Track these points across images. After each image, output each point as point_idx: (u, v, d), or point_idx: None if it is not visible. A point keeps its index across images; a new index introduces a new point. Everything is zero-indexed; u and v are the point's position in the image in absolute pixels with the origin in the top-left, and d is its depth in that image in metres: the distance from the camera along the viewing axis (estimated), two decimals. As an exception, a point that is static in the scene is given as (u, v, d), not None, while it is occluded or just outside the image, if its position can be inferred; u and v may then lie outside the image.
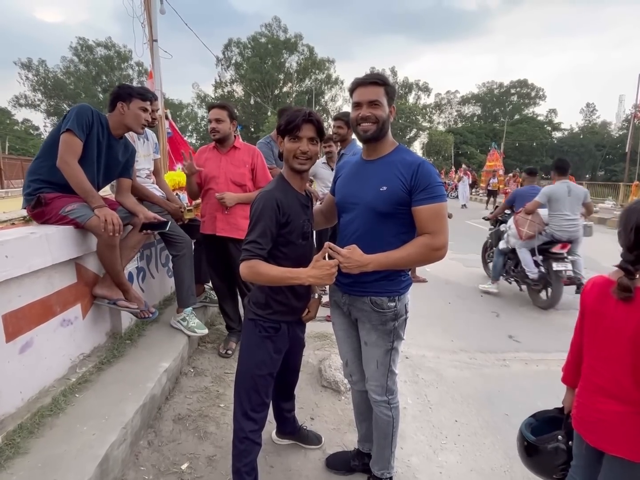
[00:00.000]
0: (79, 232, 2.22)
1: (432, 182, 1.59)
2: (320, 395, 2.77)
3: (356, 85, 1.68)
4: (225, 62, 48.35)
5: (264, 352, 1.73)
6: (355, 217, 1.71)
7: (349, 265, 1.56)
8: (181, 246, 2.81)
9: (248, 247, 1.56)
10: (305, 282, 1.52)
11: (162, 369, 2.42)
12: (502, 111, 56.67)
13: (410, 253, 1.60)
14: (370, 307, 1.73)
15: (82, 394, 2.11)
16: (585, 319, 1.42)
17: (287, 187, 1.68)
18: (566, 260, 4.62)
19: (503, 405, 2.81)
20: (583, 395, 1.40)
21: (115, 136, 2.38)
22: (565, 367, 1.58)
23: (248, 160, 2.96)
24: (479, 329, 4.20)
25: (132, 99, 2.32)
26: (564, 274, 4.56)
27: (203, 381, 2.75)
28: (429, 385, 3.07)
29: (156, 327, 2.95)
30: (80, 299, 2.33)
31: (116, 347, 2.54)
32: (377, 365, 1.81)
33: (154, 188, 3.01)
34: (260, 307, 1.73)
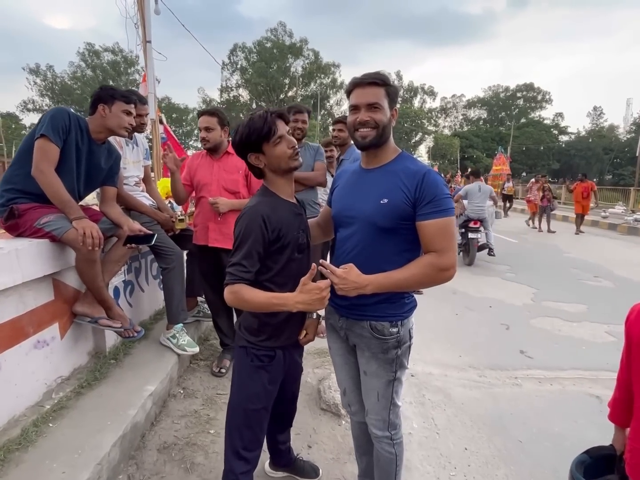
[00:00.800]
0: (56, 246, 2.06)
1: (438, 193, 1.40)
2: (318, 420, 2.57)
3: (353, 85, 1.49)
4: (231, 66, 48.53)
5: (257, 384, 1.55)
6: (353, 233, 1.52)
7: (345, 287, 1.39)
8: (171, 259, 2.63)
9: (232, 270, 1.39)
10: (293, 309, 1.34)
11: (147, 393, 2.24)
12: (508, 115, 56.32)
13: (414, 274, 1.42)
14: (370, 333, 1.54)
15: (56, 422, 1.93)
16: (632, 352, 1.22)
17: (275, 198, 1.51)
18: (478, 232, 7.24)
19: (516, 430, 2.60)
20: (638, 439, 1.21)
21: (97, 141, 2.22)
22: (612, 404, 1.40)
23: (241, 166, 2.79)
24: (488, 343, 3.99)
25: (114, 101, 2.16)
26: (475, 241, 7.27)
27: (193, 404, 2.56)
28: (436, 407, 2.86)
29: (144, 344, 2.77)
30: (57, 317, 2.16)
31: (99, 368, 2.37)
32: (377, 397, 1.62)
33: (143, 196, 2.84)
34: (252, 332, 1.55)
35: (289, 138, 1.46)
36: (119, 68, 46.26)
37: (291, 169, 1.49)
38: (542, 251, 8.87)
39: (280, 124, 1.44)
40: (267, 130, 1.41)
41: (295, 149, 1.46)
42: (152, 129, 4.29)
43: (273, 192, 1.52)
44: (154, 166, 4.31)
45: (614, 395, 1.39)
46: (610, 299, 5.47)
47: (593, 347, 3.93)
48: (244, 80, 47.83)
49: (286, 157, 1.45)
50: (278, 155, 1.45)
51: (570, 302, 5.27)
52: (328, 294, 1.36)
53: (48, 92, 44.99)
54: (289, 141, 1.45)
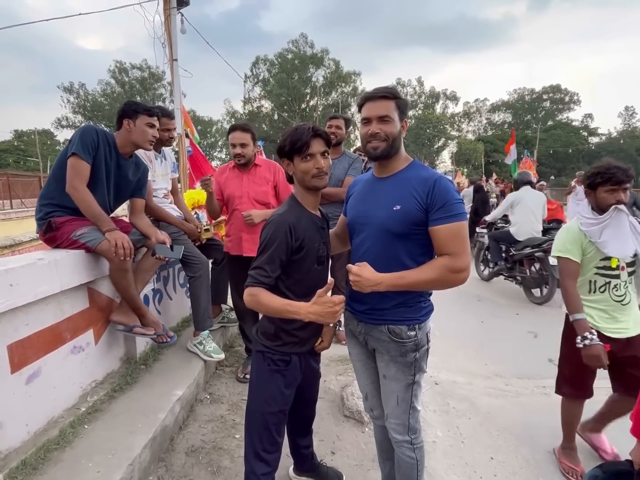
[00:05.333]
0: (91, 256, 2.17)
1: (450, 199, 1.43)
2: (341, 427, 2.59)
3: (365, 100, 1.55)
4: (253, 78, 49.50)
5: (274, 388, 1.60)
6: (366, 239, 1.57)
7: (359, 283, 1.44)
8: (197, 267, 2.73)
9: (253, 273, 1.46)
10: (305, 319, 1.38)
11: (176, 398, 2.32)
12: (535, 118, 55.06)
13: (428, 274, 1.45)
14: (388, 337, 1.57)
15: (91, 424, 2.03)
16: None
17: (301, 209, 1.57)
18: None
19: (544, 440, 2.54)
20: None
21: (124, 155, 2.33)
22: (634, 417, 1.36)
23: (270, 177, 2.87)
24: (515, 352, 3.90)
25: (138, 115, 2.27)
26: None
27: (219, 409, 2.63)
28: (461, 415, 2.83)
29: (172, 351, 2.86)
30: (92, 324, 2.27)
31: (130, 372, 2.47)
32: (397, 401, 1.64)
33: (171, 208, 2.96)
34: (269, 338, 1.61)
35: (319, 159, 1.49)
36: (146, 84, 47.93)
37: (314, 187, 1.53)
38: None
39: (315, 143, 1.49)
40: (300, 144, 1.48)
41: (320, 171, 1.50)
42: (179, 142, 4.46)
43: (299, 202, 1.58)
44: (181, 178, 4.47)
45: (637, 408, 1.36)
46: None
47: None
48: (265, 91, 48.66)
49: (310, 175, 1.50)
50: (303, 170, 1.51)
51: (601, 309, 5.08)
52: (341, 309, 1.40)
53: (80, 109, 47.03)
54: (318, 162, 1.49)
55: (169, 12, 4.14)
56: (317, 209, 1.65)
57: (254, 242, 2.77)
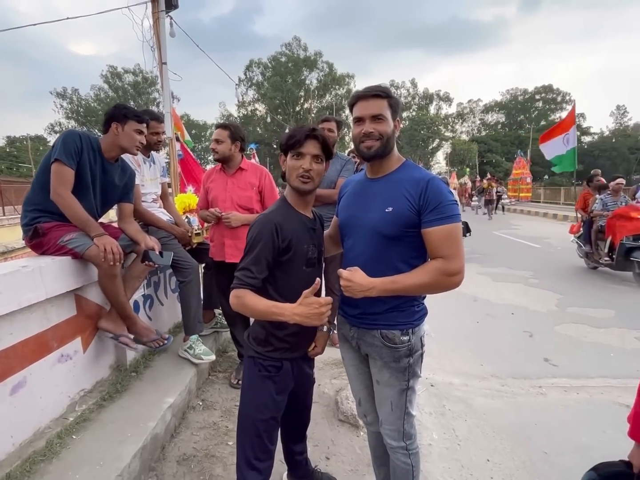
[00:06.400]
0: (79, 263, 2.13)
1: (442, 200, 1.40)
2: (336, 431, 2.55)
3: (357, 99, 1.52)
4: (247, 82, 49.46)
5: (265, 394, 1.56)
6: (358, 241, 1.54)
7: (351, 288, 1.41)
8: (187, 272, 2.69)
9: (239, 274, 1.43)
10: (290, 321, 1.35)
11: (167, 405, 2.28)
12: (528, 118, 55.29)
13: (421, 278, 1.42)
14: (381, 342, 1.54)
15: (79, 434, 1.98)
16: None
17: (290, 209, 1.54)
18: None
19: (541, 441, 2.52)
20: None
21: (110, 159, 2.28)
22: (632, 418, 1.33)
23: (255, 182, 2.83)
24: (511, 352, 3.89)
25: (127, 120, 2.23)
26: None
27: (212, 415, 2.59)
28: (457, 417, 2.81)
29: (164, 357, 2.82)
30: (80, 332, 2.23)
31: (120, 380, 2.42)
32: (391, 407, 1.61)
33: (161, 212, 2.92)
34: (259, 343, 1.58)
35: (308, 160, 1.47)
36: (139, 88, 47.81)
37: (296, 188, 1.50)
38: (567, 256, 8.62)
39: (309, 144, 1.47)
40: (293, 141, 1.47)
41: (306, 172, 1.47)
42: (169, 146, 4.43)
43: (289, 203, 1.55)
44: (172, 182, 4.43)
45: (635, 409, 1.32)
46: (639, 304, 5.27)
47: (622, 353, 3.79)
48: (260, 94, 48.66)
49: (295, 174, 1.48)
50: (290, 167, 1.50)
51: (596, 307, 5.10)
52: (327, 310, 1.36)
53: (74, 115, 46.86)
54: (306, 162, 1.47)
55: (157, 16, 4.12)
56: (309, 210, 1.62)
57: (237, 248, 2.75)
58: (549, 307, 5.22)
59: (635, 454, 1.32)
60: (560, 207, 21.88)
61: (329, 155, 1.55)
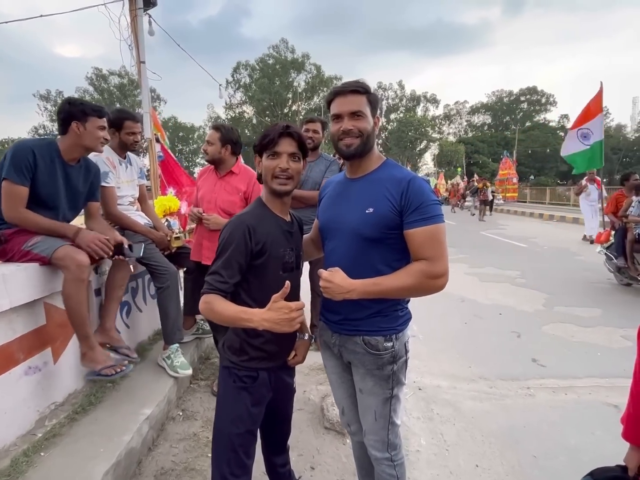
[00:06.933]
0: (47, 269, 2.02)
1: (425, 200, 1.35)
2: (322, 439, 2.48)
3: (334, 94, 1.46)
4: (235, 84, 49.23)
5: (240, 406, 1.48)
6: (339, 244, 1.48)
7: (330, 289, 1.35)
8: (165, 277, 2.59)
9: (209, 279, 1.36)
10: (259, 327, 1.27)
11: (144, 417, 2.18)
12: (513, 119, 56.04)
13: (404, 281, 1.36)
14: (364, 349, 1.48)
15: (48, 451, 1.87)
16: None
17: (265, 211, 1.47)
18: None
19: (530, 445, 2.48)
20: None
21: (71, 161, 2.14)
22: (626, 420, 1.29)
23: (242, 187, 2.74)
24: (499, 353, 3.86)
25: (87, 117, 2.08)
26: None
27: (192, 426, 2.49)
28: (445, 421, 2.75)
29: (142, 366, 2.71)
30: (50, 342, 2.11)
31: (94, 392, 2.31)
32: (375, 417, 1.55)
33: (138, 215, 2.82)
34: (234, 352, 1.50)
35: (284, 159, 1.40)
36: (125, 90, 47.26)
37: (273, 190, 1.43)
38: (553, 255, 8.69)
39: (284, 142, 1.40)
40: (267, 140, 1.40)
41: (283, 172, 1.40)
42: (149, 148, 4.31)
43: (264, 204, 1.48)
44: (152, 184, 4.32)
45: (628, 411, 1.29)
46: (625, 302, 5.30)
47: (609, 352, 3.78)
48: (247, 97, 48.46)
49: (271, 174, 1.41)
50: (265, 168, 1.43)
51: (583, 306, 5.11)
52: (299, 316, 1.29)
53: (58, 117, 46.08)
54: (282, 162, 1.40)
55: (135, 13, 4.01)
56: (287, 212, 1.55)
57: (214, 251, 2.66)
58: (536, 306, 5.22)
59: (630, 457, 1.28)
60: (546, 207, 22.17)
61: (306, 153, 1.48)
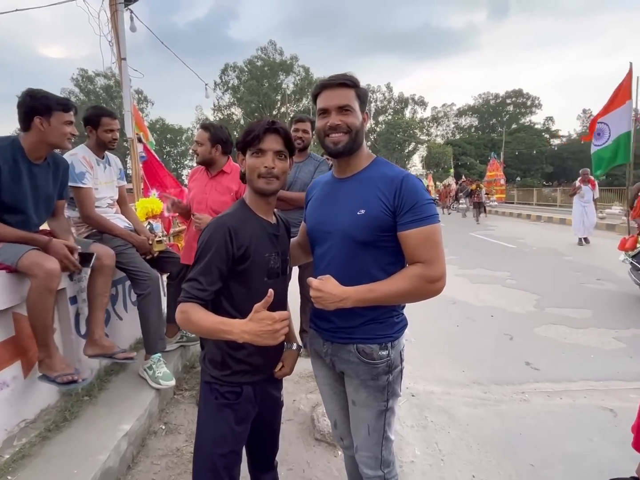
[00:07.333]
0: (14, 277, 1.88)
1: (419, 200, 1.26)
2: (312, 451, 2.37)
3: (321, 88, 1.36)
4: (223, 86, 48.92)
5: (222, 425, 1.36)
6: (329, 249, 1.38)
7: (322, 299, 1.25)
8: (146, 284, 2.45)
9: (186, 286, 1.25)
10: (239, 340, 1.15)
11: (122, 433, 2.04)
12: (499, 121, 56.61)
13: (400, 286, 1.27)
14: (358, 358, 1.38)
15: (15, 474, 1.73)
16: None
17: (248, 213, 1.36)
18: None
19: (527, 453, 2.41)
20: None
21: (37, 160, 1.99)
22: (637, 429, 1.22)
23: (234, 188, 2.65)
24: (492, 356, 3.79)
25: (52, 112, 1.92)
26: None
27: (175, 440, 2.36)
28: (440, 429, 2.66)
29: (122, 377, 2.57)
30: (20, 355, 1.97)
31: (69, 407, 2.17)
32: (368, 431, 1.45)
33: (117, 218, 2.68)
34: (215, 366, 1.38)
35: (270, 157, 1.30)
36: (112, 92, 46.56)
37: (258, 189, 1.33)
38: (542, 256, 8.71)
39: (270, 138, 1.30)
40: (251, 136, 1.30)
41: (269, 171, 1.29)
42: (130, 148, 4.16)
43: (247, 206, 1.37)
44: (134, 186, 4.17)
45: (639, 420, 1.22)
46: (615, 303, 5.29)
47: (602, 354, 3.74)
48: (235, 98, 48.19)
49: (256, 173, 1.31)
50: (250, 167, 1.32)
51: (574, 307, 5.09)
52: (283, 327, 1.17)
53: (41, 119, 45.20)
54: (267, 160, 1.29)
55: (115, 8, 3.86)
56: (272, 214, 1.44)
57: None
58: (528, 308, 5.18)
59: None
60: (533, 208, 22.37)
61: (292, 151, 1.38)
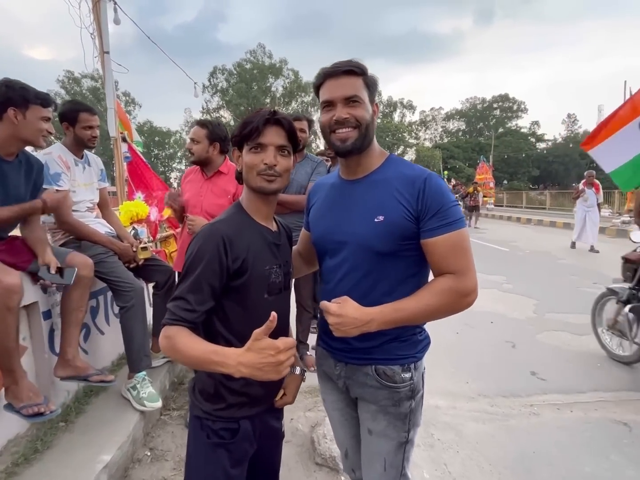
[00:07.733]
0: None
1: (445, 202, 1.09)
2: (313, 478, 2.17)
3: (324, 77, 1.17)
4: (211, 88, 48.53)
5: (216, 469, 1.15)
6: (343, 262, 1.18)
7: (342, 325, 1.05)
8: (129, 295, 2.22)
9: (171, 306, 1.03)
10: (236, 374, 0.92)
11: (102, 465, 1.81)
12: (487, 125, 57.36)
13: (430, 303, 1.09)
14: (377, 381, 1.20)
15: (-25, 520, 1.51)
16: None
17: (245, 219, 1.16)
18: None
19: (543, 473, 2.26)
20: None
21: (7, 156, 1.80)
22: None
23: (231, 189, 2.47)
24: (495, 365, 3.64)
25: (29, 104, 1.75)
26: None
27: (162, 469, 2.13)
28: (448, 448, 2.49)
29: (103, 398, 2.34)
30: (-16, 379, 1.74)
31: (42, 436, 1.93)
32: (384, 466, 1.26)
33: (98, 223, 2.46)
34: (207, 398, 1.17)
35: (271, 153, 1.10)
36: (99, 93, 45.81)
37: (259, 188, 1.12)
38: (536, 259, 8.66)
39: (271, 131, 1.11)
40: (250, 129, 1.10)
41: (270, 168, 1.09)
42: (114, 147, 3.92)
43: (244, 210, 1.17)
44: (117, 188, 3.92)
45: None
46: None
47: (608, 362, 3.62)
48: (224, 101, 47.85)
49: (255, 171, 1.11)
50: (248, 164, 1.12)
51: (573, 312, 4.98)
52: (288, 359, 0.93)
53: (25, 121, 44.25)
54: (268, 156, 1.09)
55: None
56: (272, 219, 1.24)
57: None
58: (527, 313, 5.06)
59: None
60: (522, 211, 22.55)
61: (297, 146, 1.18)
